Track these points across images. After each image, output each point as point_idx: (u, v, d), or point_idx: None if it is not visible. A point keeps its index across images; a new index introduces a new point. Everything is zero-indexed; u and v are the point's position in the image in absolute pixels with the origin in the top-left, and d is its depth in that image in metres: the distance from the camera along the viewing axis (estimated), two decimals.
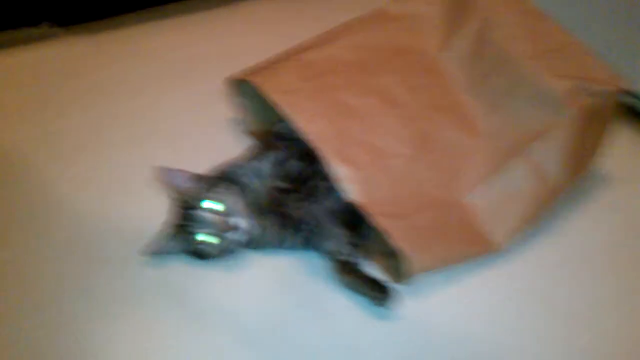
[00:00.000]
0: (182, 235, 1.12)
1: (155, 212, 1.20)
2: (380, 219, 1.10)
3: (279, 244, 1.18)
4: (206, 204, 1.11)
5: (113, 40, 1.84)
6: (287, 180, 1.19)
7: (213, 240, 1.11)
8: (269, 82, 1.25)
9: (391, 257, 1.14)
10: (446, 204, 1.18)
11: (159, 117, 1.55)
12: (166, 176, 1.16)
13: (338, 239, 1.14)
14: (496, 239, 1.17)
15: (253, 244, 1.16)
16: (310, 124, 1.18)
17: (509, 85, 1.27)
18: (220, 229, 1.10)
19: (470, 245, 1.15)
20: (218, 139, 1.48)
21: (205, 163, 1.36)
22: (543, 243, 1.24)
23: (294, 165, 1.20)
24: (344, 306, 1.10)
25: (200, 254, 1.13)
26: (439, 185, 1.19)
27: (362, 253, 1.17)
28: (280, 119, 1.25)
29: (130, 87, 1.65)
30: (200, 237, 1.11)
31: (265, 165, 1.20)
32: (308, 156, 1.17)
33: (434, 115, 1.25)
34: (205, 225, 1.11)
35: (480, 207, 1.19)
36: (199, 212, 1.11)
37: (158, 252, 1.14)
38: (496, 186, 1.20)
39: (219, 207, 1.12)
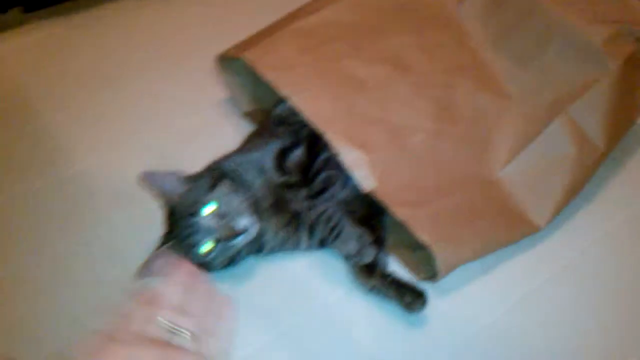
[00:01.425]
0: (184, 249, 0.96)
1: (151, 220, 1.05)
2: (400, 209, 0.95)
3: (293, 247, 1.04)
4: (207, 209, 0.96)
5: (87, 21, 1.67)
6: (293, 173, 1.03)
7: (219, 249, 0.96)
8: (262, 58, 1.09)
9: (416, 250, 1.00)
10: (476, 182, 1.03)
11: (145, 105, 1.39)
12: (154, 181, 0.98)
13: (359, 240, 0.99)
14: (536, 217, 1.02)
15: (265, 249, 1.03)
16: (313, 104, 1.02)
17: (539, 37, 1.10)
18: (227, 235, 0.95)
19: (507, 229, 1.00)
20: (213, 125, 1.32)
21: (201, 154, 1.20)
22: (582, 215, 1.09)
23: (300, 156, 1.04)
24: (365, 313, 0.96)
25: (206, 266, 0.98)
26: (467, 162, 1.04)
27: (387, 250, 1.02)
28: (280, 99, 1.09)
29: (110, 73, 1.50)
30: (205, 247, 0.96)
31: (267, 158, 1.04)
32: (316, 143, 1.02)
33: (455, 79, 1.09)
34: (208, 233, 0.95)
35: (516, 182, 1.03)
36: (200, 220, 0.95)
37: (156, 273, 0.98)
38: (533, 156, 1.04)
39: (221, 210, 0.96)
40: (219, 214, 0.95)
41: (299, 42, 1.11)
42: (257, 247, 1.01)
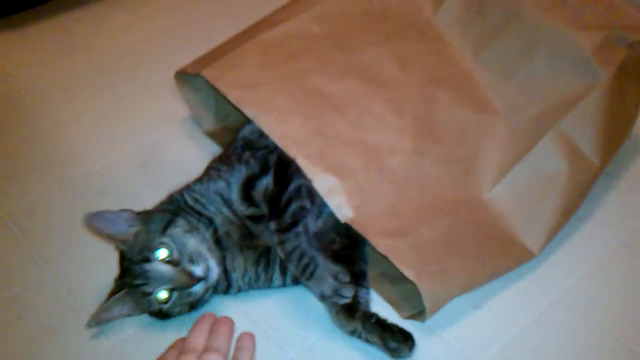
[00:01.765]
0: (137, 297, 0.86)
1: (104, 263, 0.93)
2: (380, 241, 0.85)
3: (265, 285, 0.93)
4: (160, 253, 0.84)
5: (40, 32, 1.56)
6: (261, 205, 0.92)
7: (176, 297, 0.85)
8: (224, 75, 1.00)
9: (398, 284, 0.91)
10: (463, 206, 0.93)
11: (98, 122, 1.28)
12: (101, 224, 0.86)
13: (335, 278, 0.87)
14: (530, 243, 0.93)
15: (233, 288, 0.92)
16: (281, 125, 0.92)
17: (524, 45, 1.02)
18: (183, 284, 0.84)
19: (499, 257, 0.91)
20: (174, 145, 1.21)
21: (159, 179, 1.11)
22: (577, 238, 0.99)
23: (267, 185, 0.92)
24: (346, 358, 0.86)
25: (163, 315, 0.87)
26: (451, 184, 0.95)
27: (368, 286, 0.92)
28: (247, 119, 0.98)
29: (64, 88, 1.38)
30: (160, 296, 0.85)
31: (233, 188, 0.93)
32: (286, 169, 0.92)
33: (434, 92, 1.00)
34: (162, 282, 0.84)
35: (506, 205, 0.94)
36: (152, 267, 0.84)
37: (109, 320, 0.88)
38: (523, 175, 0.95)
39: (175, 255, 0.84)
40: (172, 260, 0.84)
41: (262, 56, 1.01)
42: (224, 287, 0.91)
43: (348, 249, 0.93)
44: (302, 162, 0.88)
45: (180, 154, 1.19)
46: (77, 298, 0.94)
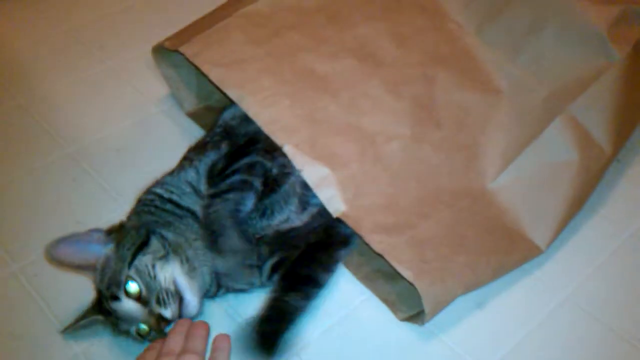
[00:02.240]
0: (116, 332, 0.77)
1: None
2: (376, 238, 0.78)
3: (247, 285, 0.84)
4: (131, 286, 0.73)
5: (10, 2, 1.45)
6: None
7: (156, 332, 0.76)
8: (204, 51, 0.91)
9: (394, 282, 0.84)
10: (465, 197, 0.86)
11: (69, 101, 1.19)
12: (69, 253, 0.76)
13: (242, 257, 0.78)
14: (537, 237, 0.86)
15: (221, 290, 0.83)
16: (267, 108, 0.84)
17: (532, 20, 0.94)
18: (154, 327, 0.75)
19: (505, 253, 0.84)
20: (153, 128, 1.12)
21: (135, 165, 1.02)
22: (586, 230, 0.93)
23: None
24: None
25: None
26: (452, 173, 0.87)
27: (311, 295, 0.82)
28: (230, 101, 0.90)
29: (32, 63, 1.28)
30: (138, 331, 0.75)
31: (202, 176, 0.84)
32: (249, 146, 0.84)
33: (435, 72, 0.92)
34: (135, 322, 0.74)
35: (512, 194, 0.87)
36: (122, 306, 0.73)
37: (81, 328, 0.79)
38: (529, 163, 0.88)
39: (146, 291, 0.73)
40: (142, 297, 0.74)
41: (247, 31, 0.92)
42: (214, 291, 0.82)
43: (317, 249, 0.85)
44: (290, 150, 0.80)
45: (158, 137, 1.10)
46: (42, 298, 0.86)
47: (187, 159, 0.88)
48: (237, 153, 0.84)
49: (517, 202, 0.87)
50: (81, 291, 0.81)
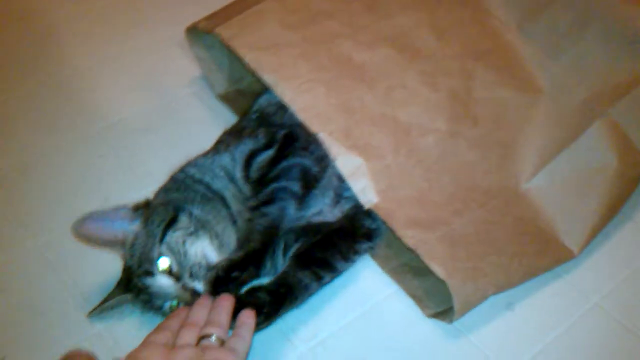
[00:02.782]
0: (145, 309, 0.77)
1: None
2: (409, 232, 0.77)
3: (271, 272, 0.81)
4: (162, 262, 0.74)
5: None
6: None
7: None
8: (240, 34, 0.90)
9: (422, 277, 0.82)
10: (499, 196, 0.84)
11: (99, 79, 1.18)
12: (95, 229, 0.74)
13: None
14: (570, 241, 0.84)
15: None
16: (303, 95, 0.83)
17: (575, 18, 0.92)
18: (187, 301, 0.74)
19: (537, 255, 0.82)
20: (182, 109, 1.12)
21: (164, 146, 1.01)
22: (622, 237, 0.90)
23: (265, 159, 0.82)
24: None
25: None
26: (487, 171, 0.86)
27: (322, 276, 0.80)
28: (264, 86, 0.89)
29: (66, 39, 1.27)
30: (169, 308, 0.75)
31: (238, 164, 0.83)
32: (291, 144, 0.83)
33: (474, 67, 0.90)
34: (167, 298, 0.74)
35: (546, 196, 0.85)
36: (155, 281, 0.73)
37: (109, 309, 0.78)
38: (566, 165, 0.86)
39: (178, 266, 0.74)
40: (173, 273, 0.74)
41: (284, 16, 0.91)
42: None
43: (339, 236, 0.83)
44: (325, 139, 0.79)
45: (187, 118, 1.09)
46: (66, 273, 0.85)
47: (223, 143, 0.87)
48: (280, 154, 0.82)
49: (551, 205, 0.85)
50: (106, 267, 0.81)
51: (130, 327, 0.79)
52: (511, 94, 0.89)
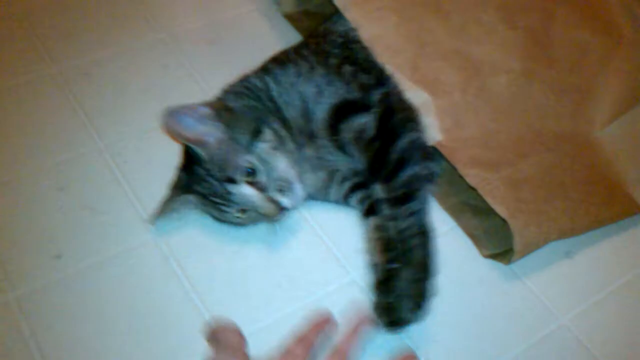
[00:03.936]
0: (209, 207, 0.76)
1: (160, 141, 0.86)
2: (471, 171, 0.75)
3: (323, 197, 0.83)
4: (252, 171, 0.74)
5: None
6: (348, 144, 0.78)
7: (251, 216, 0.77)
8: None
9: (482, 217, 0.81)
10: (570, 141, 0.81)
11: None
12: (182, 124, 0.73)
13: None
14: (639, 195, 0.81)
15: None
16: (374, 22, 0.81)
17: None
18: (269, 214, 0.75)
19: (605, 206, 0.79)
20: (247, 25, 1.09)
21: (227, 60, 1.00)
22: None
23: (365, 126, 0.77)
24: None
25: (232, 223, 0.79)
26: (559, 115, 0.82)
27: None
28: (335, 10, 0.86)
29: None
30: (235, 215, 0.76)
31: (322, 107, 0.78)
32: (391, 115, 0.77)
33: (556, 5, 0.86)
34: (246, 205, 0.74)
35: (618, 146, 0.82)
36: (239, 189, 0.73)
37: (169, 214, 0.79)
38: None
39: (266, 178, 0.74)
40: (259, 184, 0.74)
41: None
42: None
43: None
44: (393, 69, 0.77)
45: (252, 34, 1.07)
46: (126, 175, 0.86)
47: (306, 62, 0.82)
48: (384, 127, 0.75)
49: (623, 156, 0.82)
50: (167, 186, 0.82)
51: (185, 237, 0.80)
52: (592, 37, 0.84)
